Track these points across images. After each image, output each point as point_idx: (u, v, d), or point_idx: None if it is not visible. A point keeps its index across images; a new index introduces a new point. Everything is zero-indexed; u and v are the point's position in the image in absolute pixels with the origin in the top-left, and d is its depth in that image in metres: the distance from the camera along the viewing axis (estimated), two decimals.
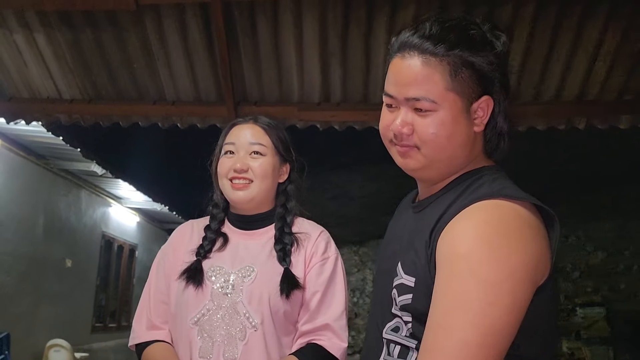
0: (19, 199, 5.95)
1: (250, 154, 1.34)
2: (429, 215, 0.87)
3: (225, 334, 1.22)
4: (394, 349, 0.86)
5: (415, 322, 0.83)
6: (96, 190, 7.81)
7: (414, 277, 0.84)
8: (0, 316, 5.56)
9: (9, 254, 5.74)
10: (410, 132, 0.88)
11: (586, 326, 10.02)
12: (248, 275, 1.27)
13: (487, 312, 0.72)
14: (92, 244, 7.83)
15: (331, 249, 1.35)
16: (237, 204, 1.35)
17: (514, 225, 0.78)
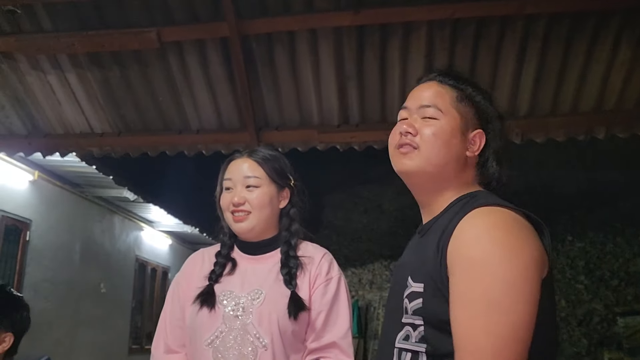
0: (56, 227, 6.19)
1: (247, 187, 1.42)
2: (434, 232, 0.96)
3: (237, 354, 1.29)
4: (405, 357, 0.91)
5: (427, 326, 0.89)
6: (129, 215, 8.05)
7: (422, 283, 0.91)
8: (41, 341, 5.76)
9: (48, 280, 5.97)
10: (415, 132, 1.02)
11: (628, 335, 9.70)
12: (257, 298, 1.34)
13: (513, 309, 0.80)
14: (127, 268, 8.05)
15: (334, 269, 1.42)
16: (239, 235, 1.44)
17: (517, 226, 0.88)
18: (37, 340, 5.68)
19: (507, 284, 0.81)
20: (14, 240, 5.53)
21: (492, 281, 0.82)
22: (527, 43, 3.09)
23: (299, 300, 1.33)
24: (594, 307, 10.86)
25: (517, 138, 3.49)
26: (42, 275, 5.85)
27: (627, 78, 3.14)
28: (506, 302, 0.81)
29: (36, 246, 5.77)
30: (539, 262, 0.85)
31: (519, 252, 0.84)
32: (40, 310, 5.82)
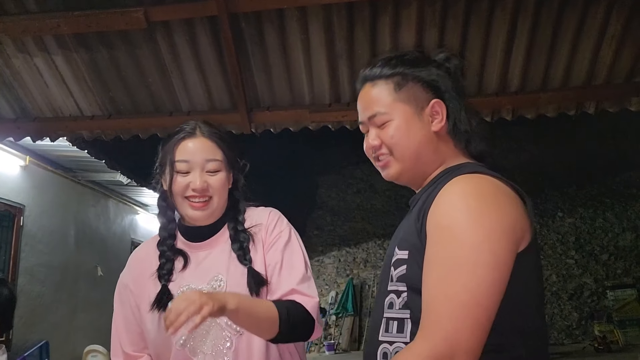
0: (50, 212, 6.18)
1: (205, 171, 1.30)
2: (419, 204, 0.99)
3: (213, 346, 1.23)
4: (392, 326, 0.93)
5: (410, 292, 0.91)
6: (123, 199, 8.03)
7: (407, 250, 0.93)
8: (39, 325, 5.80)
9: (43, 265, 5.97)
10: (379, 144, 1.05)
11: (617, 308, 9.87)
12: (219, 285, 1.27)
13: (473, 273, 0.81)
14: (123, 251, 8.06)
15: (282, 224, 1.35)
16: (195, 222, 1.32)
17: (489, 191, 0.89)
18: (35, 324, 5.72)
19: (469, 248, 0.82)
20: (7, 225, 5.53)
21: (455, 247, 0.83)
22: (517, 18, 3.08)
23: (257, 276, 1.27)
24: (584, 282, 11.02)
25: (508, 115, 3.51)
26: (37, 260, 5.86)
27: (617, 52, 3.15)
28: (467, 267, 0.81)
29: (30, 231, 5.77)
30: (506, 227, 0.85)
31: (486, 218, 0.84)
32: (37, 294, 5.84)
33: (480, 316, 0.80)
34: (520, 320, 0.88)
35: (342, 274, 12.87)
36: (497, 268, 0.82)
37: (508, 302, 0.84)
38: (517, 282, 0.85)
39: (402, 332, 0.91)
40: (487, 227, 0.83)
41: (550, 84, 3.38)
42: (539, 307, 0.92)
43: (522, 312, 0.88)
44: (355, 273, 12.82)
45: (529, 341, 0.88)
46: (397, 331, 0.92)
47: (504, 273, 0.83)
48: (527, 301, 0.89)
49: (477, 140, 1.05)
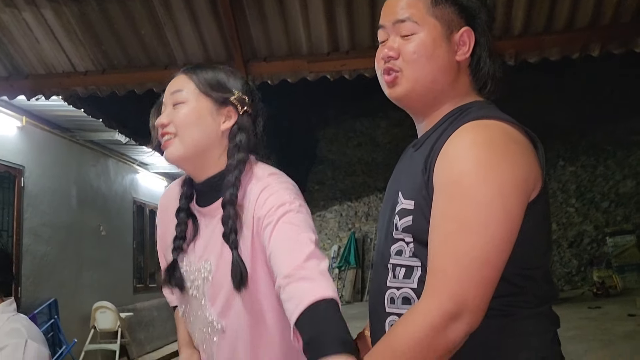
0: (50, 172, 6.17)
1: (174, 107, 1.13)
2: (425, 147, 0.93)
3: (200, 331, 1.18)
4: (399, 272, 0.91)
5: (416, 243, 0.89)
6: (123, 158, 8.01)
7: (412, 200, 0.90)
8: (46, 283, 5.89)
9: (47, 225, 6.01)
10: (397, 55, 0.96)
11: (616, 254, 10.01)
12: (207, 273, 1.14)
13: (484, 231, 0.78)
14: (125, 210, 8.11)
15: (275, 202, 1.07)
16: (169, 162, 1.16)
17: (501, 142, 0.83)
18: (42, 283, 5.81)
19: (480, 204, 0.79)
20: (8, 187, 5.52)
21: (465, 203, 0.80)
22: None
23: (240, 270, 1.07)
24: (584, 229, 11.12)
25: (511, 59, 3.42)
26: (40, 220, 5.89)
27: None
28: (477, 223, 0.78)
29: (32, 192, 5.77)
30: (519, 181, 0.81)
31: (498, 171, 0.80)
32: (43, 254, 5.90)
33: (489, 273, 0.78)
34: (528, 267, 0.86)
35: (344, 227, 13.00)
36: (508, 224, 0.80)
37: (517, 250, 0.82)
38: (527, 230, 0.83)
39: (409, 278, 0.90)
40: (499, 181, 0.80)
41: (555, 25, 3.28)
42: (546, 253, 0.91)
43: (530, 260, 0.87)
44: (357, 227, 12.94)
45: (536, 286, 0.87)
46: (404, 277, 0.91)
47: (515, 228, 0.81)
48: (536, 249, 0.88)
49: (494, 85, 0.99)
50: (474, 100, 0.97)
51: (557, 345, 0.87)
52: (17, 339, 1.31)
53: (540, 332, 0.86)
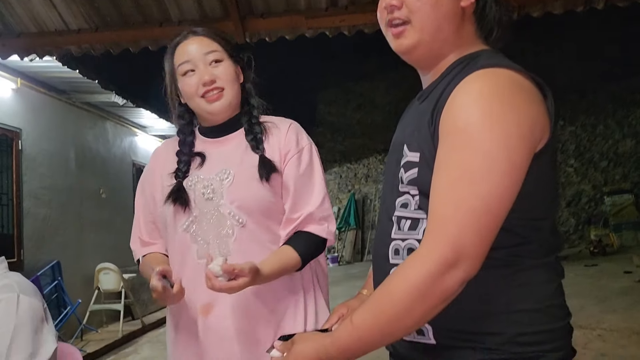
0: (48, 135, 6.13)
1: (210, 64, 1.31)
2: (431, 99, 0.91)
3: (215, 235, 1.28)
4: (404, 224, 0.91)
5: (422, 196, 0.88)
6: (121, 121, 7.96)
7: (418, 152, 0.89)
8: (48, 246, 5.95)
9: (47, 188, 6.02)
10: (400, 4, 0.93)
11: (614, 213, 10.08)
12: (226, 177, 1.30)
13: (487, 180, 0.78)
14: (124, 173, 8.11)
15: (303, 139, 1.36)
16: (216, 115, 1.34)
17: (509, 91, 0.81)
18: (44, 245, 5.86)
19: (484, 154, 0.78)
20: (6, 150, 5.50)
21: (469, 152, 0.79)
22: None
23: (268, 163, 1.29)
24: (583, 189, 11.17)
25: (514, 13, 3.35)
26: (40, 183, 5.89)
27: None
28: (480, 172, 0.78)
29: (30, 155, 5.75)
30: (525, 131, 0.80)
31: (504, 120, 0.79)
32: (44, 216, 5.93)
33: (489, 223, 0.78)
34: (534, 218, 0.86)
35: (343, 189, 13.04)
36: (512, 175, 0.79)
37: (523, 201, 0.81)
38: (533, 181, 0.82)
39: (414, 230, 0.89)
40: (504, 131, 0.78)
41: None
42: (553, 205, 0.90)
43: (536, 211, 0.86)
44: (356, 188, 12.99)
45: (542, 237, 0.87)
46: (409, 229, 0.90)
47: (518, 179, 0.79)
48: (542, 200, 0.87)
49: (500, 32, 0.96)
50: (480, 49, 0.95)
51: (561, 295, 0.88)
52: (9, 294, 1.31)
53: (544, 282, 0.86)
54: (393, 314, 0.79)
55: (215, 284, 1.14)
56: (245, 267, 1.16)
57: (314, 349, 0.87)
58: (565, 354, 0.85)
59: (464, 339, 0.84)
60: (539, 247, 0.86)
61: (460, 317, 0.84)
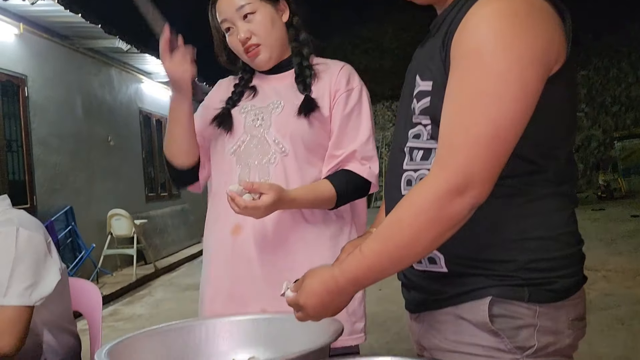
0: (53, 82, 6.09)
1: (245, 18, 1.32)
2: (443, 26, 0.88)
3: (259, 160, 1.33)
4: (416, 155, 0.90)
5: (434, 125, 0.86)
6: (126, 68, 7.88)
7: (431, 81, 0.86)
8: (60, 192, 6.03)
9: (55, 135, 6.04)
10: None
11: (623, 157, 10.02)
12: (276, 108, 1.35)
13: (498, 104, 0.75)
14: (132, 121, 8.10)
15: (355, 80, 1.37)
16: (261, 68, 1.39)
17: (523, 12, 0.78)
18: (56, 191, 5.95)
19: (495, 76, 0.75)
20: (12, 97, 5.49)
21: (480, 74, 0.76)
22: None
23: (311, 101, 1.32)
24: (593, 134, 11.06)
25: None
26: (48, 131, 5.91)
27: None
28: (491, 95, 0.75)
29: (36, 102, 5.74)
30: (538, 52, 0.77)
31: (517, 43, 0.76)
32: (54, 163, 5.99)
33: (499, 148, 0.76)
34: (549, 145, 0.84)
35: None
36: (524, 98, 0.76)
37: (537, 127, 0.79)
38: (547, 106, 0.80)
39: (426, 160, 0.88)
40: (518, 53, 0.75)
41: None
42: (570, 132, 0.89)
43: (551, 138, 0.84)
44: None
45: (557, 166, 0.85)
46: (421, 159, 0.89)
47: (531, 103, 0.77)
48: (558, 126, 0.85)
49: None
50: None
51: (574, 223, 0.88)
52: (8, 227, 1.34)
53: (558, 210, 0.85)
54: (401, 241, 0.79)
55: (239, 202, 1.16)
56: (265, 184, 1.19)
57: (323, 281, 0.87)
58: (577, 280, 0.86)
59: (476, 267, 0.85)
60: (554, 175, 0.85)
61: (472, 245, 0.85)
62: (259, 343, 1.12)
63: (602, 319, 3.61)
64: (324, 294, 0.87)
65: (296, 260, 1.30)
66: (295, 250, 1.32)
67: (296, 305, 0.91)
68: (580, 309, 0.87)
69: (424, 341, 0.94)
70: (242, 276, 1.32)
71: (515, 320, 0.82)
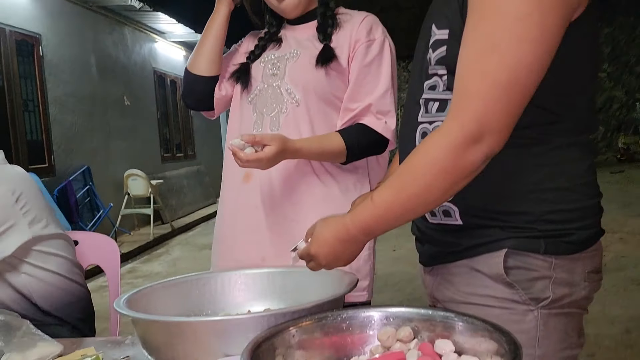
0: (67, 41, 6.07)
1: None
2: None
3: (273, 109, 1.33)
4: (432, 107, 0.88)
5: (450, 75, 0.84)
6: (139, 27, 7.81)
7: (447, 29, 0.84)
8: (77, 152, 6.10)
9: (70, 95, 6.06)
10: None
11: None
12: (292, 57, 1.34)
13: (516, 49, 0.73)
14: (146, 81, 8.08)
15: (377, 31, 1.33)
16: (288, 14, 1.37)
17: None
18: (73, 151, 6.01)
19: (514, 20, 0.72)
20: (27, 56, 5.49)
21: (498, 18, 0.73)
22: None
23: (329, 50, 1.30)
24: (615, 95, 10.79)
25: None
26: (63, 90, 5.93)
27: None
28: (509, 40, 0.72)
29: (51, 61, 5.74)
30: None
31: None
32: (71, 123, 6.03)
33: (516, 95, 0.73)
34: (569, 93, 0.82)
35: None
36: (544, 44, 0.73)
37: (557, 74, 0.76)
38: (568, 53, 0.77)
39: (442, 112, 0.86)
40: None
41: None
42: (590, 81, 0.85)
43: (572, 86, 0.82)
44: None
45: (577, 115, 0.83)
46: (437, 111, 0.87)
47: (551, 48, 0.74)
48: (578, 74, 0.82)
49: None
50: None
51: (593, 174, 0.86)
52: None
53: (576, 160, 0.83)
54: (414, 190, 0.78)
55: (241, 156, 1.16)
56: (267, 136, 1.18)
57: (334, 229, 0.87)
58: (595, 232, 0.84)
59: (491, 219, 0.84)
60: (573, 125, 0.83)
61: (487, 196, 0.83)
62: (274, 295, 1.13)
63: (617, 280, 3.61)
64: (335, 243, 0.87)
65: (301, 212, 1.30)
66: (302, 202, 1.31)
67: (308, 256, 0.91)
68: (596, 261, 0.86)
69: (437, 294, 0.95)
70: (247, 223, 1.34)
71: (531, 272, 0.82)
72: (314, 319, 0.79)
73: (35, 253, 1.41)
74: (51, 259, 1.44)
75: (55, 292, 1.45)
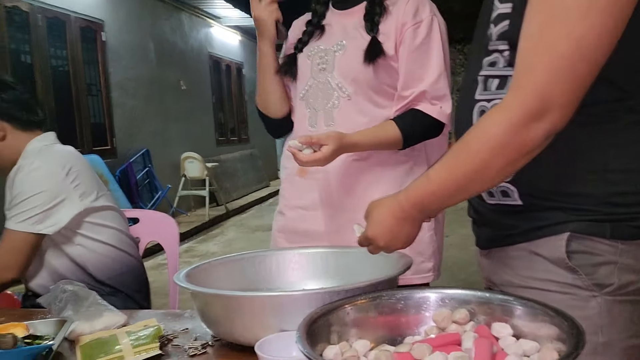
0: (127, 26, 6.26)
1: None
2: None
3: (324, 104, 1.33)
4: (491, 84, 0.85)
5: (512, 51, 0.80)
6: (196, 12, 7.95)
7: (510, 2, 0.80)
8: (137, 135, 6.32)
9: (131, 79, 6.27)
10: None
11: None
12: (339, 49, 1.32)
13: (583, 21, 0.69)
14: (202, 65, 8.25)
15: (424, 11, 1.28)
16: None
17: None
18: (133, 134, 6.24)
19: None
20: (91, 42, 5.70)
21: None
22: None
23: (376, 46, 1.27)
24: None
25: None
26: (124, 75, 6.14)
27: None
28: (575, 11, 0.68)
29: (113, 46, 5.95)
30: None
31: None
32: (131, 107, 6.25)
33: (582, 70, 0.69)
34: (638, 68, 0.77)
35: None
36: (613, 15, 0.68)
37: (628, 47, 0.72)
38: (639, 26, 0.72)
39: (502, 89, 0.82)
40: None
41: None
42: None
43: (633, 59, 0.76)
44: None
45: None
46: (497, 88, 0.83)
47: (621, 19, 0.69)
48: None
49: None
50: None
51: None
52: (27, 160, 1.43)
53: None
54: (470, 167, 0.75)
55: (301, 158, 1.18)
56: (322, 135, 1.18)
57: (388, 207, 0.87)
58: None
59: (553, 200, 0.81)
60: None
61: (549, 176, 0.80)
62: (327, 275, 1.15)
63: None
64: (390, 220, 0.86)
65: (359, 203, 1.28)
66: (357, 192, 1.32)
67: (365, 239, 0.91)
68: None
69: (494, 277, 0.93)
70: (305, 215, 1.37)
71: (595, 256, 0.78)
72: (369, 297, 0.80)
73: (87, 224, 1.48)
74: (102, 230, 1.51)
75: (107, 262, 1.52)
